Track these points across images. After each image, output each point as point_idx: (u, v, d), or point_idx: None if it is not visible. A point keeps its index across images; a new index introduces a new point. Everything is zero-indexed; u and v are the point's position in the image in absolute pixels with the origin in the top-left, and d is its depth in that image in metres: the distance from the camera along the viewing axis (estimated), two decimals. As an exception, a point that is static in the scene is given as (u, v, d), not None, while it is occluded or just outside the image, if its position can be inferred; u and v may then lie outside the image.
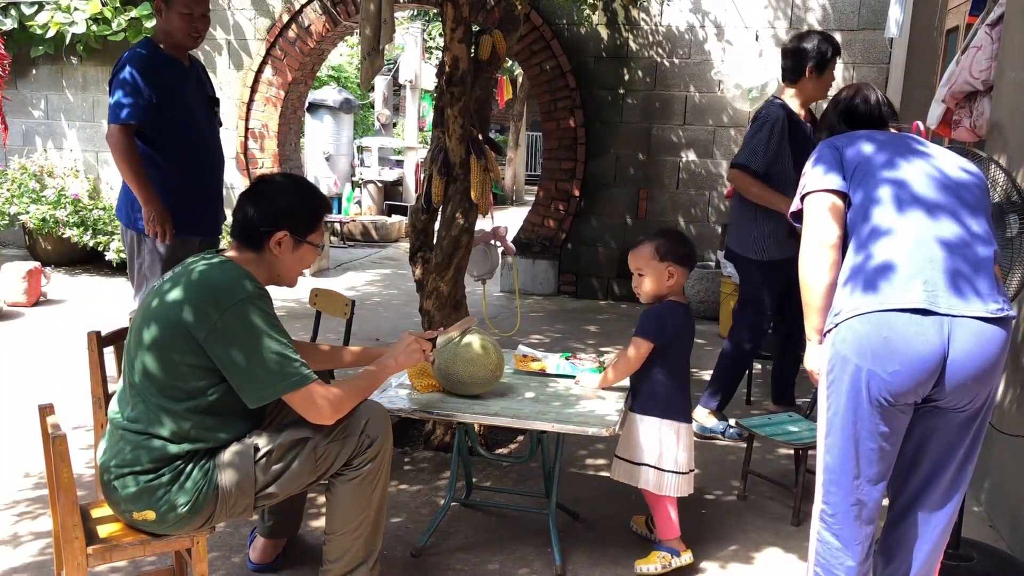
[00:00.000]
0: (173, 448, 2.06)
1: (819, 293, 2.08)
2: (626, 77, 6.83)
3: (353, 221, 10.41)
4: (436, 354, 2.56)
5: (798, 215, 2.20)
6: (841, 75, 6.36)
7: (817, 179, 2.12)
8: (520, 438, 3.74)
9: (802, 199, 2.17)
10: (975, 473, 3.09)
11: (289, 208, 2.19)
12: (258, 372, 2.03)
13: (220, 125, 3.77)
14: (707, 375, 4.38)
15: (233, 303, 2.03)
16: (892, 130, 2.26)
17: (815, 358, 2.13)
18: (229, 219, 2.43)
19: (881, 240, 1.98)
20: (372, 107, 14.72)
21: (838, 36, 6.30)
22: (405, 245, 9.46)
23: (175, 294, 2.06)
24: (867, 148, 2.11)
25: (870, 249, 1.98)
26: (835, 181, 2.09)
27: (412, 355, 2.37)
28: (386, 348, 2.45)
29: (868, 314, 1.92)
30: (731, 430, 3.92)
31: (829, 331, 2.03)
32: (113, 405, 2.16)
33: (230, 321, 2.02)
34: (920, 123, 2.64)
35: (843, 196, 2.09)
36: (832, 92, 3.51)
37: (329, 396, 2.11)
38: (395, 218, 10.88)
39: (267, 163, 7.61)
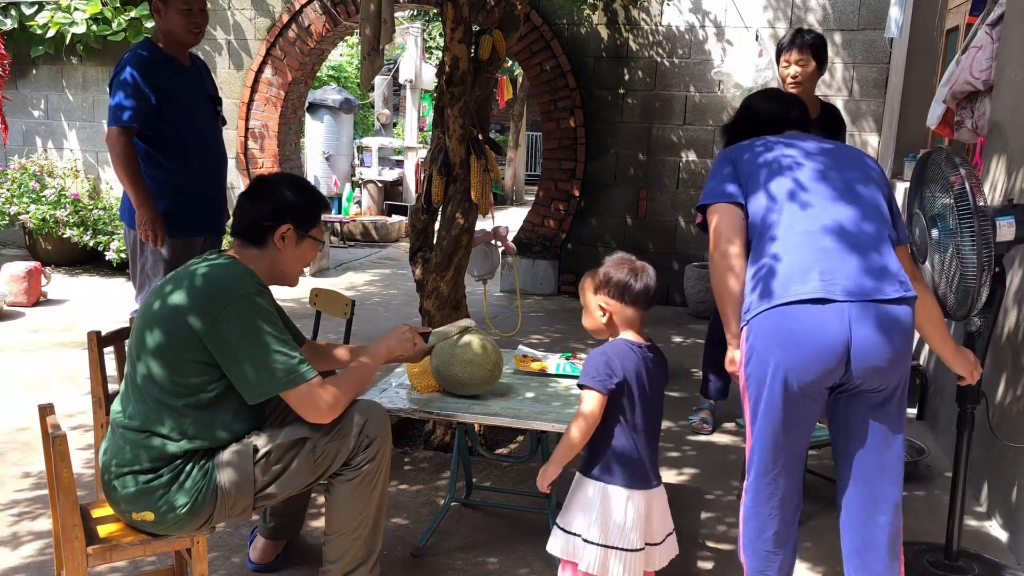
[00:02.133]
0: (172, 447, 2.06)
1: (729, 300, 2.16)
2: (626, 77, 6.84)
3: (353, 221, 10.40)
4: (434, 355, 2.56)
5: (703, 225, 2.29)
6: (840, 75, 6.37)
7: (713, 191, 2.22)
8: (520, 438, 3.74)
9: (702, 211, 2.27)
10: (975, 472, 3.11)
11: (290, 203, 2.23)
12: (258, 369, 2.03)
13: (224, 123, 3.77)
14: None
15: (234, 299, 2.04)
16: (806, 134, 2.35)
17: (736, 359, 2.19)
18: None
19: (776, 238, 2.08)
20: (372, 107, 14.72)
21: (838, 36, 6.31)
22: (405, 245, 9.46)
23: (177, 293, 2.07)
24: (758, 154, 2.21)
25: (767, 248, 2.09)
26: (731, 191, 2.19)
27: (404, 343, 2.39)
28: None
29: (772, 308, 2.02)
30: (700, 415, 4.01)
31: (742, 329, 2.12)
32: (115, 405, 2.17)
33: (231, 317, 2.03)
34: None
35: (741, 205, 2.18)
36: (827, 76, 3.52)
37: (326, 395, 2.12)
38: (395, 218, 10.87)
39: (267, 163, 7.61)
